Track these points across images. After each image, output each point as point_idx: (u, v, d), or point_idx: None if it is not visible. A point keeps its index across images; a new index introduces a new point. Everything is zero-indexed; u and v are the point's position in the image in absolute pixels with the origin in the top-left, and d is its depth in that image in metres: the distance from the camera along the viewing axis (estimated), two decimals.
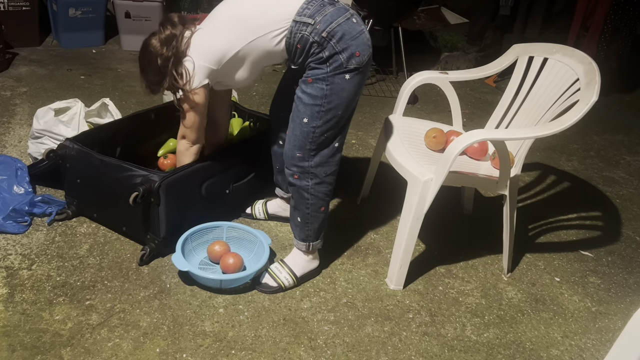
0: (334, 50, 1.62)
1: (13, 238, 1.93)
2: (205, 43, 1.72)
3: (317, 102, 1.65)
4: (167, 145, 2.35)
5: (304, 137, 1.69)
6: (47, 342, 1.54)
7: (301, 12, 1.63)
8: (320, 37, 1.61)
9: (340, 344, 1.64)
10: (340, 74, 1.64)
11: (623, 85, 4.20)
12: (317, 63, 1.64)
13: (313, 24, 1.61)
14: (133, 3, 3.80)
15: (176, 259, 1.77)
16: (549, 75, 1.98)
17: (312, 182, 1.74)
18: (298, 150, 1.71)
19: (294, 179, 1.75)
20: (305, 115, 1.67)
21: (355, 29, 1.65)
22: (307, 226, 1.81)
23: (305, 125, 1.68)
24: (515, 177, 1.88)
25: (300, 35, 1.63)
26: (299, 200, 1.78)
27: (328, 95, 1.65)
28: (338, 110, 1.68)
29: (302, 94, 1.68)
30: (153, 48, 1.77)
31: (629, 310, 1.93)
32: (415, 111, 3.43)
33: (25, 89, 3.12)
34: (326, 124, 1.68)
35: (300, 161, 1.72)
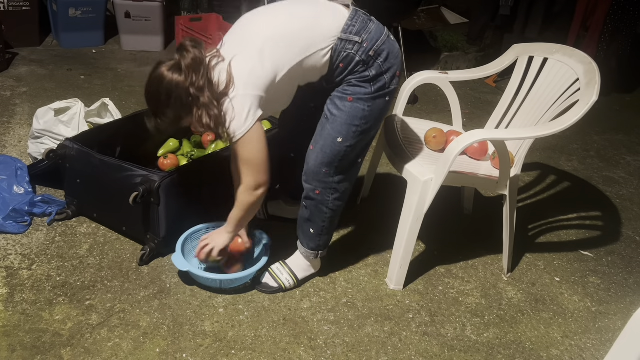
0: (380, 69, 1.57)
1: (13, 238, 1.93)
2: (251, 69, 1.50)
3: (356, 122, 1.59)
4: (167, 145, 2.36)
5: (334, 155, 1.63)
6: (47, 342, 1.54)
7: (346, 29, 1.54)
8: (367, 56, 1.55)
9: (340, 344, 1.64)
10: (382, 97, 1.60)
11: (623, 85, 4.20)
12: (360, 81, 1.57)
13: (360, 43, 1.54)
14: (133, 3, 3.79)
15: (176, 259, 1.77)
16: (549, 75, 1.98)
17: (333, 197, 1.71)
18: (325, 167, 1.65)
19: (314, 194, 1.70)
20: (340, 134, 1.60)
21: (396, 47, 1.62)
22: (319, 237, 1.79)
23: (338, 145, 1.61)
24: (515, 177, 1.88)
25: (346, 54, 1.55)
26: (316, 214, 1.74)
27: (367, 116, 1.60)
28: (372, 130, 1.65)
29: (337, 111, 1.59)
30: (172, 80, 1.50)
31: (629, 310, 1.93)
32: (415, 111, 3.43)
33: (25, 89, 3.11)
34: (359, 143, 1.64)
35: (325, 177, 1.67)
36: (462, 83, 3.80)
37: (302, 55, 1.53)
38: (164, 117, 1.57)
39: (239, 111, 1.47)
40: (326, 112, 1.63)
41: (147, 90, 1.56)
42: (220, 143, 2.29)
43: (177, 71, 1.50)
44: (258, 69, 1.50)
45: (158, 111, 1.57)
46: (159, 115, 1.57)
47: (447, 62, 4.27)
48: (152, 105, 1.58)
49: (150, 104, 1.58)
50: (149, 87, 1.55)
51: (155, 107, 1.57)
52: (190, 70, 1.48)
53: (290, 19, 1.56)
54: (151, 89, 1.55)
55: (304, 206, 1.75)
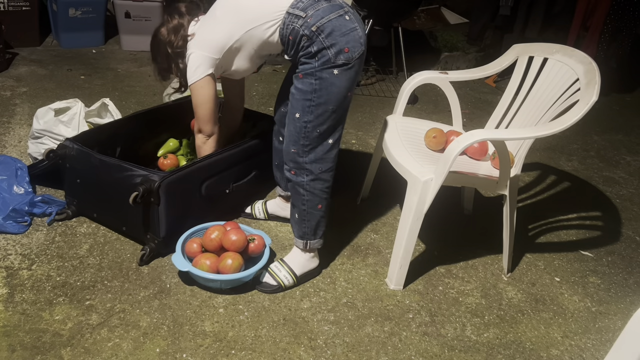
0: (322, 45, 1.64)
1: (13, 238, 1.93)
2: (207, 33, 1.79)
3: (307, 96, 1.68)
4: (167, 145, 2.36)
5: (297, 132, 1.72)
6: (47, 342, 1.54)
7: (295, 4, 1.66)
8: (310, 30, 1.64)
9: (340, 344, 1.64)
10: (328, 69, 1.66)
11: (623, 85, 4.20)
12: (306, 57, 1.67)
13: (304, 17, 1.64)
14: (133, 3, 3.80)
15: (176, 259, 1.77)
16: (549, 75, 1.98)
17: (307, 178, 1.76)
18: (292, 145, 1.74)
19: (290, 174, 1.78)
20: (297, 110, 1.70)
21: (347, 25, 1.67)
22: (304, 223, 1.82)
23: (297, 120, 1.70)
24: (515, 177, 1.88)
25: (292, 27, 1.66)
26: (295, 196, 1.81)
27: (317, 90, 1.67)
28: (328, 105, 1.69)
29: (294, 89, 1.71)
30: (162, 36, 1.88)
31: (629, 310, 1.93)
32: (415, 111, 3.43)
33: (25, 89, 3.12)
34: (317, 118, 1.69)
35: (295, 157, 1.74)
36: (462, 83, 3.81)
37: (249, 25, 1.71)
38: (157, 64, 1.97)
39: (191, 65, 1.79)
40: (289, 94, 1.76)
41: (150, 41, 1.96)
42: None
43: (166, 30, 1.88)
44: (211, 34, 1.78)
45: (153, 57, 1.98)
46: (155, 63, 1.98)
47: (447, 62, 4.27)
48: (151, 53, 1.98)
49: (150, 51, 1.98)
50: (151, 39, 1.95)
51: (152, 54, 1.98)
52: (170, 33, 1.87)
53: None
54: (151, 41, 1.95)
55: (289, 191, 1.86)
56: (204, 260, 1.78)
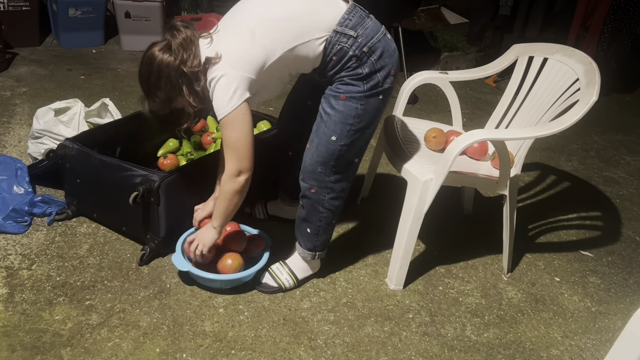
0: (373, 67, 1.55)
1: (13, 238, 1.93)
2: (242, 49, 1.49)
3: (349, 121, 1.58)
4: (167, 145, 2.36)
5: (329, 154, 1.62)
6: (47, 342, 1.54)
7: (343, 22, 1.52)
8: (361, 51, 1.53)
9: (340, 344, 1.64)
10: (375, 95, 1.58)
11: (623, 85, 4.20)
12: (353, 79, 1.55)
13: (355, 37, 1.52)
14: (133, 3, 3.80)
15: (176, 259, 1.77)
16: (549, 75, 1.98)
17: (329, 196, 1.70)
18: (321, 165, 1.64)
19: (310, 192, 1.69)
20: (334, 133, 1.59)
21: (391, 46, 1.60)
22: (316, 237, 1.78)
23: (332, 143, 1.60)
24: (515, 177, 1.88)
25: (340, 47, 1.53)
26: (312, 213, 1.73)
27: (361, 115, 1.58)
28: (367, 129, 1.63)
29: (331, 110, 1.58)
30: (163, 60, 1.53)
31: (629, 310, 1.93)
32: (415, 111, 3.43)
33: (25, 89, 3.12)
34: (354, 142, 1.62)
35: (320, 176, 1.66)
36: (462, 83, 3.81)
37: (295, 42, 1.51)
38: (156, 97, 1.59)
39: (225, 90, 1.47)
40: (321, 111, 1.63)
41: (139, 71, 1.58)
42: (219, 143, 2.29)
43: (168, 51, 1.52)
44: (248, 50, 1.49)
45: (149, 92, 1.59)
46: (151, 96, 1.59)
47: (447, 62, 4.27)
48: (144, 86, 1.60)
49: (142, 85, 1.60)
50: (141, 68, 1.58)
51: (146, 87, 1.59)
52: (180, 49, 1.50)
53: (285, 5, 1.54)
54: (142, 70, 1.57)
55: (301, 205, 1.75)
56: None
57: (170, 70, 1.52)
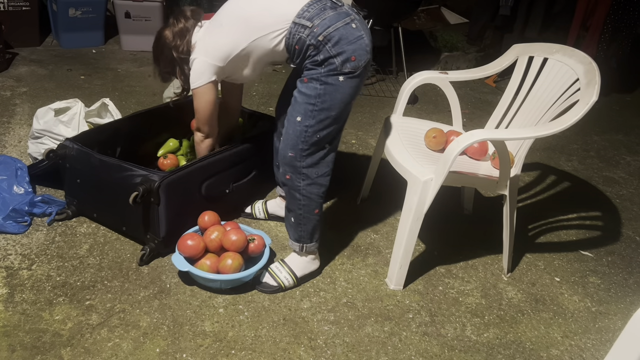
0: (328, 54, 1.63)
1: (13, 238, 1.93)
2: (213, 40, 1.79)
3: (311, 101, 1.67)
4: (167, 145, 2.36)
5: (296, 136, 1.69)
6: (47, 342, 1.54)
7: (301, 14, 1.65)
8: (316, 40, 1.63)
9: (340, 344, 1.64)
10: (333, 75, 1.65)
11: (623, 85, 4.20)
12: (312, 64, 1.66)
13: (311, 27, 1.63)
14: (133, 3, 3.80)
15: (176, 259, 1.77)
16: (549, 75, 1.98)
17: (304, 182, 1.74)
18: (290, 149, 1.71)
19: (285, 178, 1.76)
20: (299, 113, 1.68)
21: (354, 34, 1.65)
22: (299, 227, 1.80)
23: (298, 124, 1.68)
24: (515, 177, 1.88)
25: (298, 37, 1.65)
26: (291, 200, 1.79)
27: (322, 94, 1.66)
28: (331, 111, 1.68)
29: (297, 93, 1.71)
30: (166, 39, 1.88)
31: (629, 310, 1.93)
32: (415, 111, 3.43)
33: (25, 89, 3.12)
34: (319, 123, 1.68)
35: (292, 161, 1.72)
36: (462, 83, 3.81)
37: (257, 34, 1.71)
38: (159, 67, 1.98)
39: (195, 70, 1.80)
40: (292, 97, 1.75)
41: (153, 43, 1.95)
42: None
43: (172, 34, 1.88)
44: (216, 41, 1.78)
45: (155, 60, 1.98)
46: (156, 65, 1.99)
47: (447, 62, 4.27)
48: (153, 55, 1.98)
49: (153, 54, 1.98)
50: (154, 41, 1.95)
51: (154, 56, 1.98)
52: (176, 36, 1.87)
53: (252, 3, 1.74)
54: (154, 43, 1.95)
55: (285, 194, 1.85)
56: (204, 260, 1.79)
57: (166, 50, 1.90)
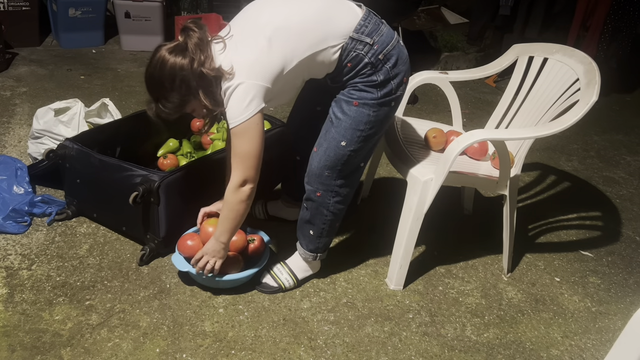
0: (388, 75, 1.55)
1: (13, 238, 1.93)
2: (259, 58, 1.47)
3: (360, 127, 1.58)
4: (167, 145, 2.36)
5: (337, 158, 1.61)
6: (47, 342, 1.54)
7: (359, 29, 1.52)
8: (376, 59, 1.52)
9: (340, 344, 1.64)
10: (387, 103, 1.58)
11: (623, 85, 4.20)
12: (367, 85, 1.55)
13: (371, 44, 1.52)
14: (133, 3, 3.80)
15: (176, 259, 1.77)
16: (549, 75, 1.98)
17: (334, 200, 1.70)
18: (328, 169, 1.64)
19: (315, 196, 1.69)
20: (344, 138, 1.59)
21: (405, 53, 1.60)
22: (319, 240, 1.78)
23: (341, 149, 1.60)
24: (515, 177, 1.88)
25: (355, 54, 1.52)
26: (316, 215, 1.73)
27: (372, 122, 1.58)
28: (376, 135, 1.63)
29: (342, 115, 1.58)
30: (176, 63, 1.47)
31: (629, 310, 1.93)
32: (415, 111, 3.42)
33: (25, 89, 3.12)
34: (362, 148, 1.62)
35: (327, 180, 1.66)
36: (462, 83, 3.81)
37: (312, 49, 1.49)
38: (168, 102, 1.52)
39: (241, 99, 1.44)
40: (331, 115, 1.62)
41: (149, 74, 1.52)
42: (219, 143, 2.29)
43: (180, 53, 1.47)
44: (265, 59, 1.46)
45: (161, 96, 1.52)
46: (162, 101, 1.53)
47: (447, 62, 4.27)
48: (155, 90, 1.53)
49: (153, 89, 1.54)
50: (152, 71, 1.50)
51: (158, 92, 1.52)
52: (197, 51, 1.46)
53: (302, 11, 1.51)
54: (154, 73, 1.50)
55: (305, 207, 1.75)
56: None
57: (186, 73, 1.47)
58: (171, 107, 1.53)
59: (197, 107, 1.55)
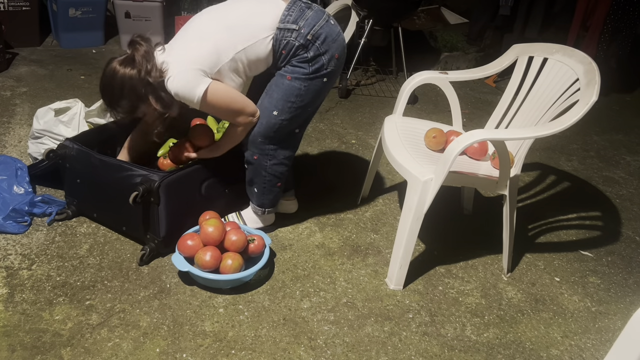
0: (318, 51, 1.71)
1: (13, 238, 1.93)
2: (193, 53, 1.67)
3: (291, 99, 1.75)
4: (167, 145, 2.35)
5: (269, 127, 1.79)
6: (47, 342, 1.54)
7: (284, 19, 1.69)
8: (305, 39, 1.69)
9: (340, 344, 1.64)
10: (318, 78, 1.75)
11: (623, 85, 4.20)
12: (299, 61, 1.72)
13: (298, 29, 1.69)
14: (133, 3, 3.80)
15: (176, 259, 1.77)
16: (549, 75, 1.98)
17: (271, 162, 1.86)
18: (261, 136, 1.81)
19: (253, 159, 1.86)
20: (276, 108, 1.77)
21: (334, 30, 1.74)
22: (263, 196, 1.96)
23: (273, 117, 1.78)
24: (515, 177, 1.88)
25: (286, 41, 1.70)
26: (256, 176, 1.91)
27: (303, 94, 1.75)
28: (307, 107, 1.80)
29: (275, 86, 1.76)
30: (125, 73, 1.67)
31: (629, 310, 1.93)
32: (415, 111, 3.43)
33: (25, 89, 3.12)
34: (294, 118, 1.79)
35: (261, 145, 1.83)
36: (462, 83, 3.81)
37: (244, 43, 1.68)
38: (119, 107, 1.74)
39: (185, 81, 1.63)
40: (267, 87, 1.79)
41: (101, 84, 1.72)
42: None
43: (130, 64, 1.67)
44: (196, 52, 1.66)
45: (112, 103, 1.73)
46: (114, 107, 1.74)
47: (447, 62, 4.27)
48: (107, 98, 1.74)
49: (105, 97, 1.74)
50: (103, 81, 1.71)
51: (109, 99, 1.73)
52: (144, 60, 1.66)
53: (229, 13, 1.72)
54: (105, 83, 1.71)
55: (247, 169, 1.92)
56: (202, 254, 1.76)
57: (134, 82, 1.67)
58: (122, 111, 1.75)
59: (148, 111, 1.76)
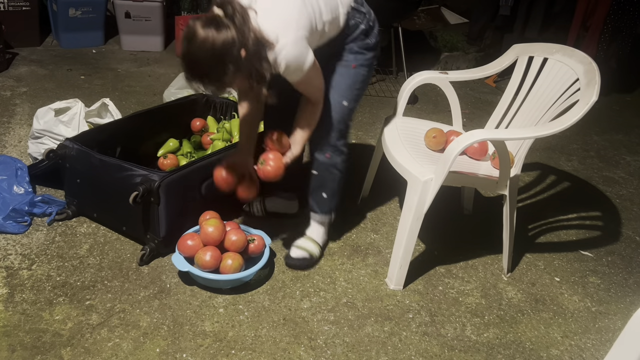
0: (375, 39, 1.78)
1: (13, 238, 1.93)
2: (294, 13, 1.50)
3: (357, 86, 1.78)
4: (167, 145, 2.36)
5: (342, 119, 1.79)
6: (47, 342, 1.54)
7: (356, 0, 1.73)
8: (368, 25, 1.75)
9: (340, 344, 1.64)
10: (373, 64, 1.82)
11: (623, 85, 4.20)
12: (362, 48, 1.76)
13: (365, 13, 1.74)
14: (133, 3, 3.80)
15: (176, 259, 1.77)
16: (549, 75, 1.98)
17: (340, 158, 1.85)
18: (335, 131, 1.79)
19: (325, 158, 1.82)
20: (345, 98, 1.77)
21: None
22: (333, 199, 1.93)
23: (345, 108, 1.78)
24: (515, 177, 1.88)
25: (354, 22, 1.72)
26: (327, 177, 1.87)
27: (366, 80, 1.81)
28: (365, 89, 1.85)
29: (340, 77, 1.76)
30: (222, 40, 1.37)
31: (629, 310, 1.93)
32: (415, 111, 3.43)
33: (25, 89, 3.12)
34: (358, 103, 1.83)
35: (334, 140, 1.81)
36: (462, 83, 3.81)
37: (331, 14, 1.65)
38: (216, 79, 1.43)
39: (299, 55, 1.51)
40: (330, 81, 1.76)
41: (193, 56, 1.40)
42: (219, 143, 2.30)
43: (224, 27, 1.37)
44: (301, 13, 1.52)
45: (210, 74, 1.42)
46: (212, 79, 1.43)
47: (447, 62, 4.27)
48: (203, 70, 1.42)
49: (199, 70, 1.42)
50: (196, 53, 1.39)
51: (205, 71, 1.42)
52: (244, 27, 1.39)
53: None
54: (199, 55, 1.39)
55: (315, 174, 1.88)
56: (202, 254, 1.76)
57: (234, 48, 1.39)
58: (221, 83, 1.46)
59: (242, 81, 1.48)
